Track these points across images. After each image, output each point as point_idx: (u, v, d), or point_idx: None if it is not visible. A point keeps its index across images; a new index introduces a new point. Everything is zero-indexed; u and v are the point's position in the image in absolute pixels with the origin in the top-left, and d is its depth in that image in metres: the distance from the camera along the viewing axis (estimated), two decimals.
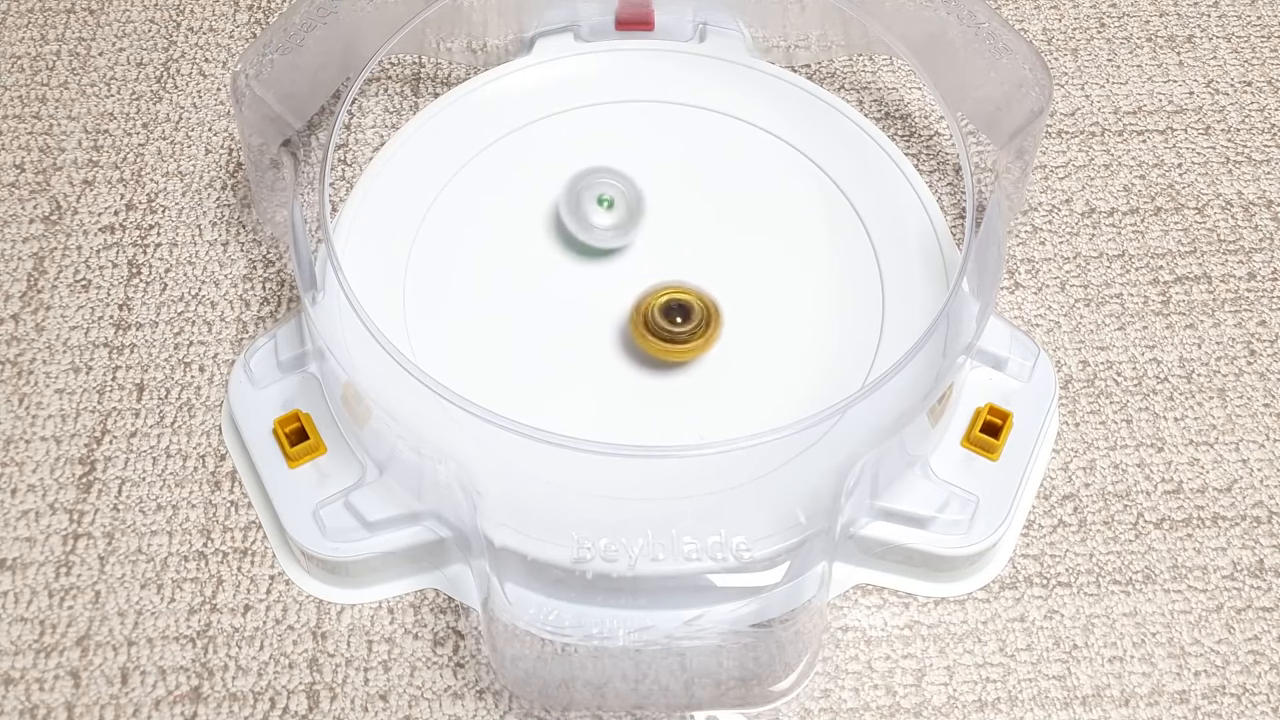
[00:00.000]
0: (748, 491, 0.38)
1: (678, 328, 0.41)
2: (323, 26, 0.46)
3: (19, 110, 0.51)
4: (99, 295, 0.46)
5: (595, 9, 0.50)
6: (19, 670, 0.38)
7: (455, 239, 0.44)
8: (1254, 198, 0.49)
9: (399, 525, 0.38)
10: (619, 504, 0.38)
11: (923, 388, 0.39)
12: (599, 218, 0.43)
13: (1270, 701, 0.38)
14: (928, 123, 0.51)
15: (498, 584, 0.35)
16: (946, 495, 0.39)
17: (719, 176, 0.46)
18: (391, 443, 0.38)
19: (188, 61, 0.52)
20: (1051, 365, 0.42)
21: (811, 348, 0.42)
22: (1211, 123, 0.51)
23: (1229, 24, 0.54)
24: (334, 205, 0.47)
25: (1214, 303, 0.46)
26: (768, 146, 0.47)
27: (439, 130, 0.47)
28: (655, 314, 0.41)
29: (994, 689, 0.38)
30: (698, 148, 0.47)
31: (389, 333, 0.38)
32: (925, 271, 0.43)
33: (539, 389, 0.41)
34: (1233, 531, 0.41)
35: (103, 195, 0.48)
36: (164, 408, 0.43)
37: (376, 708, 0.37)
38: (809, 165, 0.46)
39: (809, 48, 0.52)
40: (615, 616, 0.36)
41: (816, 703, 0.38)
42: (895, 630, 0.39)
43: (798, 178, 0.46)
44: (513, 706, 0.38)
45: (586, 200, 0.43)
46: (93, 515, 0.41)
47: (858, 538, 0.39)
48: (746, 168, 0.46)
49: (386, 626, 0.39)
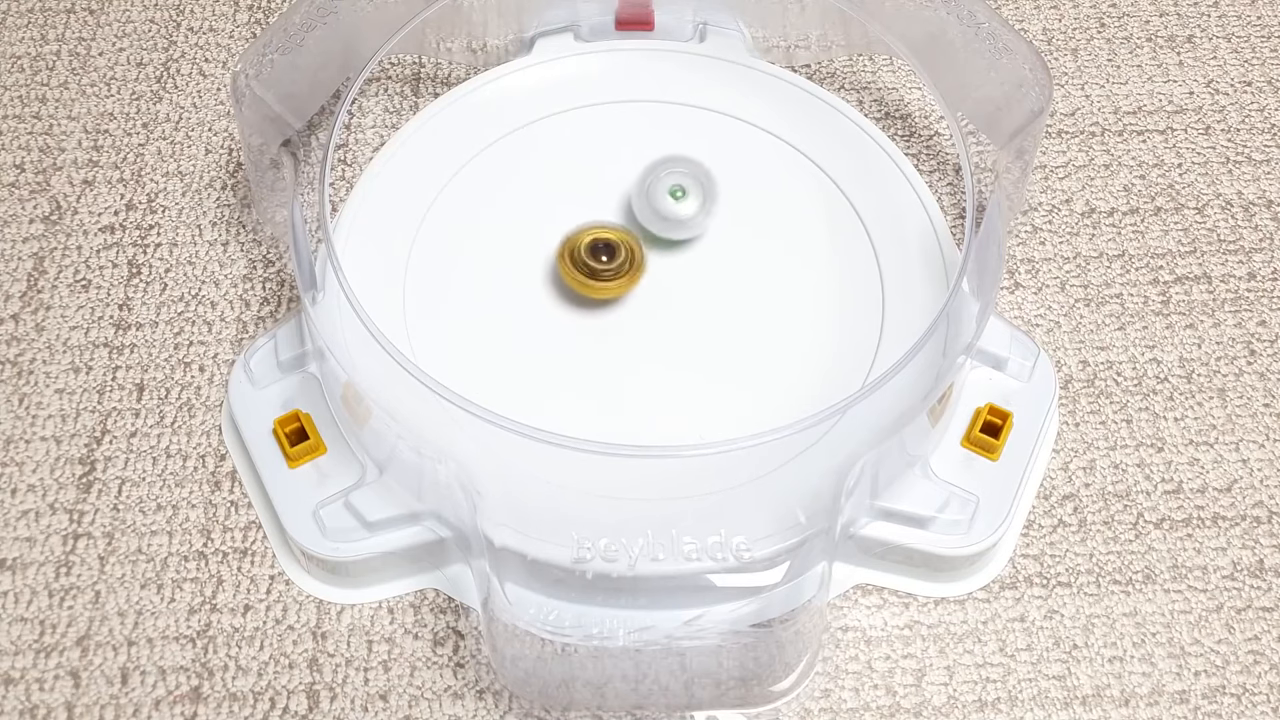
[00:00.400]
0: (748, 491, 0.38)
1: (602, 265, 0.42)
2: (323, 26, 0.46)
3: (19, 110, 0.51)
4: (99, 295, 0.46)
5: (595, 9, 0.50)
6: (19, 670, 0.38)
7: (455, 239, 0.44)
8: (1254, 198, 0.49)
9: (399, 525, 0.38)
10: (619, 504, 0.38)
11: (923, 388, 0.39)
12: (672, 208, 0.43)
13: (1270, 701, 0.38)
14: (928, 123, 0.51)
15: (498, 584, 0.35)
16: (946, 495, 0.39)
17: (719, 176, 0.46)
18: (391, 443, 0.38)
19: (188, 61, 0.52)
20: (1051, 365, 0.42)
21: (811, 348, 0.42)
22: (1211, 123, 0.51)
23: (1229, 24, 0.54)
24: (334, 205, 0.47)
25: (1214, 303, 0.46)
26: (768, 146, 0.47)
27: (439, 130, 0.47)
28: (582, 252, 0.42)
29: (994, 689, 0.38)
30: (698, 148, 0.47)
31: (389, 333, 0.38)
32: (925, 271, 0.43)
33: (539, 389, 0.41)
34: (1233, 531, 0.41)
35: (103, 195, 0.48)
36: (164, 408, 0.43)
37: (376, 708, 0.37)
38: (809, 165, 0.46)
39: (809, 48, 0.52)
40: (615, 616, 0.36)
41: (816, 703, 0.38)
42: (895, 630, 0.39)
43: (798, 178, 0.46)
44: (513, 706, 0.38)
45: (658, 193, 0.43)
46: (93, 515, 0.41)
47: (858, 538, 0.39)
48: (746, 168, 0.46)
49: (386, 626, 0.39)
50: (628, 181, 0.46)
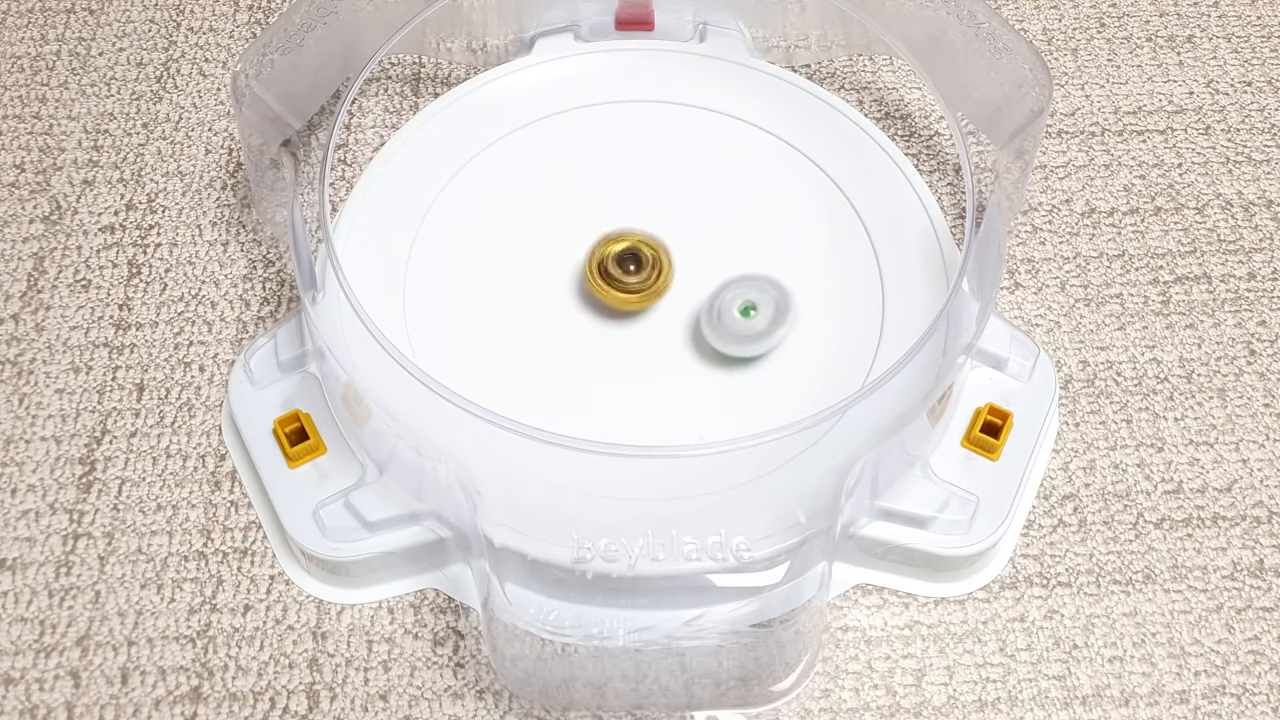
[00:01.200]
0: (748, 491, 0.38)
1: (630, 276, 0.41)
2: (323, 26, 0.46)
3: (19, 110, 0.51)
4: (99, 295, 0.46)
5: (595, 9, 0.50)
6: (19, 670, 0.38)
7: (455, 239, 0.44)
8: (1254, 198, 0.49)
9: (399, 525, 0.38)
10: (619, 504, 0.38)
11: (923, 388, 0.39)
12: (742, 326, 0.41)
13: (1270, 701, 0.38)
14: (928, 123, 0.51)
15: (498, 584, 0.35)
16: (946, 495, 0.39)
17: (719, 176, 0.46)
18: (391, 443, 0.38)
19: (188, 61, 0.52)
20: (1051, 365, 0.42)
21: (811, 348, 0.42)
22: (1211, 123, 0.51)
23: (1229, 24, 0.54)
24: (334, 205, 0.47)
25: (1214, 303, 0.46)
26: (768, 146, 0.47)
27: (439, 130, 0.47)
28: (610, 263, 0.42)
29: (994, 689, 0.38)
30: (698, 148, 0.47)
31: (389, 333, 0.38)
32: (925, 271, 0.43)
33: (539, 389, 0.41)
34: (1233, 531, 0.41)
35: (103, 195, 0.48)
36: (164, 408, 0.43)
37: (376, 708, 0.37)
38: (809, 165, 0.46)
39: (809, 48, 0.52)
40: (615, 616, 0.36)
41: (816, 703, 0.38)
42: (895, 630, 0.39)
43: (798, 178, 0.46)
44: (513, 706, 0.38)
45: (727, 313, 0.41)
46: (93, 515, 0.41)
47: (858, 538, 0.39)
48: (746, 168, 0.46)
49: (386, 626, 0.39)
50: (627, 181, 0.46)
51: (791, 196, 0.46)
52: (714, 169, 0.46)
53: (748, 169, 0.46)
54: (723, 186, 0.46)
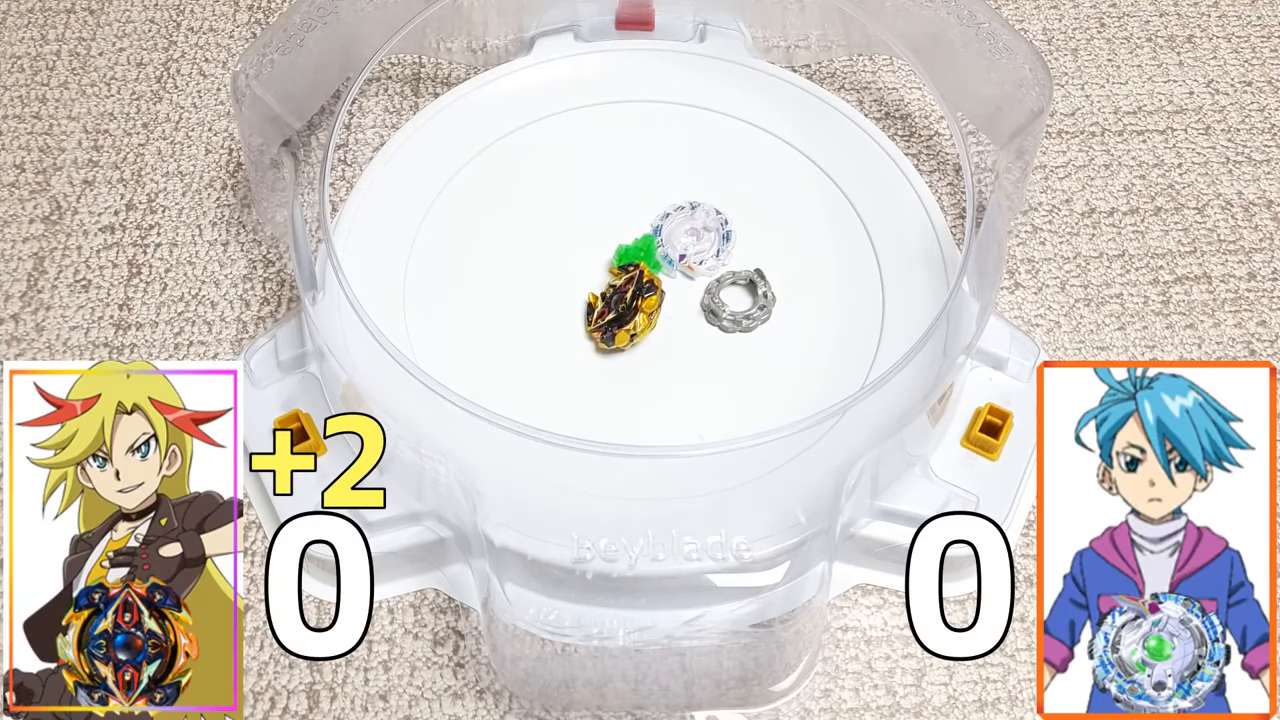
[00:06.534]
0: (748, 491, 0.38)
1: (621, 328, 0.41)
2: (323, 26, 0.46)
3: (19, 110, 0.51)
4: (99, 295, 0.46)
5: (595, 9, 0.50)
6: None
7: (455, 239, 0.44)
8: (1254, 198, 0.49)
9: (399, 525, 0.38)
10: (619, 504, 0.38)
11: (923, 388, 0.39)
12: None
13: None
14: (928, 123, 0.51)
15: (498, 584, 0.35)
16: (946, 495, 0.39)
17: (719, 176, 0.46)
18: (391, 443, 0.38)
19: (188, 61, 0.52)
20: None
21: (811, 348, 0.42)
22: (1211, 123, 0.51)
23: (1229, 24, 0.54)
24: (334, 205, 0.47)
25: (1214, 303, 0.46)
26: (768, 146, 0.47)
27: (439, 130, 0.47)
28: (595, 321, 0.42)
29: (994, 689, 0.38)
30: (698, 148, 0.47)
31: (389, 333, 0.38)
32: (925, 271, 0.43)
33: (539, 389, 0.41)
34: None
35: (103, 195, 0.48)
36: None
37: (376, 708, 0.37)
38: (809, 165, 0.46)
39: (809, 48, 0.52)
40: (615, 616, 0.36)
41: (816, 703, 0.38)
42: (895, 630, 0.39)
43: (798, 178, 0.46)
44: (513, 706, 0.38)
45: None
46: None
47: (858, 538, 0.39)
48: (746, 168, 0.46)
49: (386, 626, 0.39)
50: (627, 181, 0.46)
51: (791, 196, 0.46)
52: (714, 169, 0.46)
53: (748, 169, 0.46)
54: (723, 186, 0.46)
